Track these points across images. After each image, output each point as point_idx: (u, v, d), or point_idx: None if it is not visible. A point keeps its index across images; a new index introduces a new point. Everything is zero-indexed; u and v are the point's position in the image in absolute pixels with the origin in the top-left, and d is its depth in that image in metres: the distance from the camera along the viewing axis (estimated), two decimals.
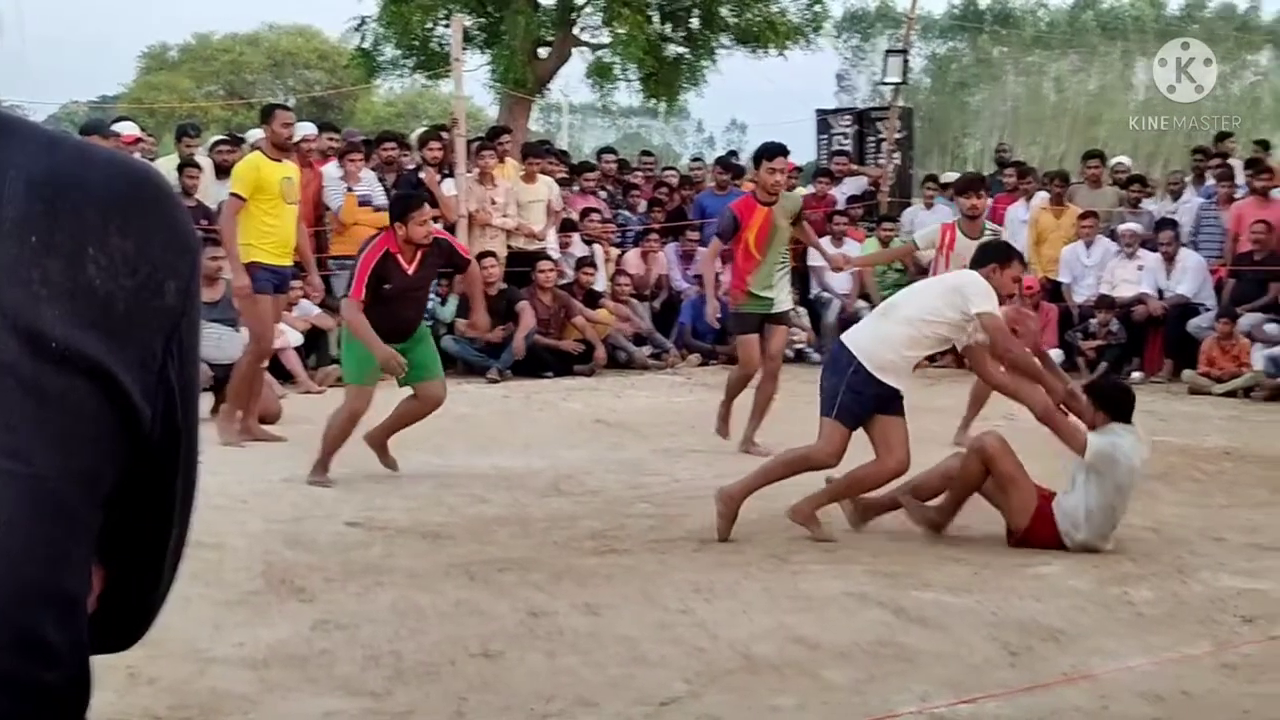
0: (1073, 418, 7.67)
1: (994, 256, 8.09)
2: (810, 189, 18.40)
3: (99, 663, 1.23)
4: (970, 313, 7.68)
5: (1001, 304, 8.06)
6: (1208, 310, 15.85)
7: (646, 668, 5.54)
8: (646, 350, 16.47)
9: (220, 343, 11.61)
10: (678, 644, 5.85)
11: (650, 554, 7.48)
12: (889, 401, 7.75)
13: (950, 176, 20.08)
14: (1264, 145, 19.06)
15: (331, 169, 15.40)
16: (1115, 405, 7.62)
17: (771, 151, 10.47)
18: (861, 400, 7.68)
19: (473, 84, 31.68)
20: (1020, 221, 16.61)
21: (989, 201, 12.53)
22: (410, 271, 9.12)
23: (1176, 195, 17.87)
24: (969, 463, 7.69)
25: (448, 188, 15.88)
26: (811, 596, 6.64)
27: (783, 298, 10.80)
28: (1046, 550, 7.53)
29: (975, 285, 7.80)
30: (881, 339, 7.81)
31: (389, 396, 9.55)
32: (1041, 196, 17.42)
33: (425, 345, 9.47)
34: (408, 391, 9.38)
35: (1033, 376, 7.85)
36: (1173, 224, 16.57)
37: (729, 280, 11.01)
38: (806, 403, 12.42)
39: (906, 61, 21.74)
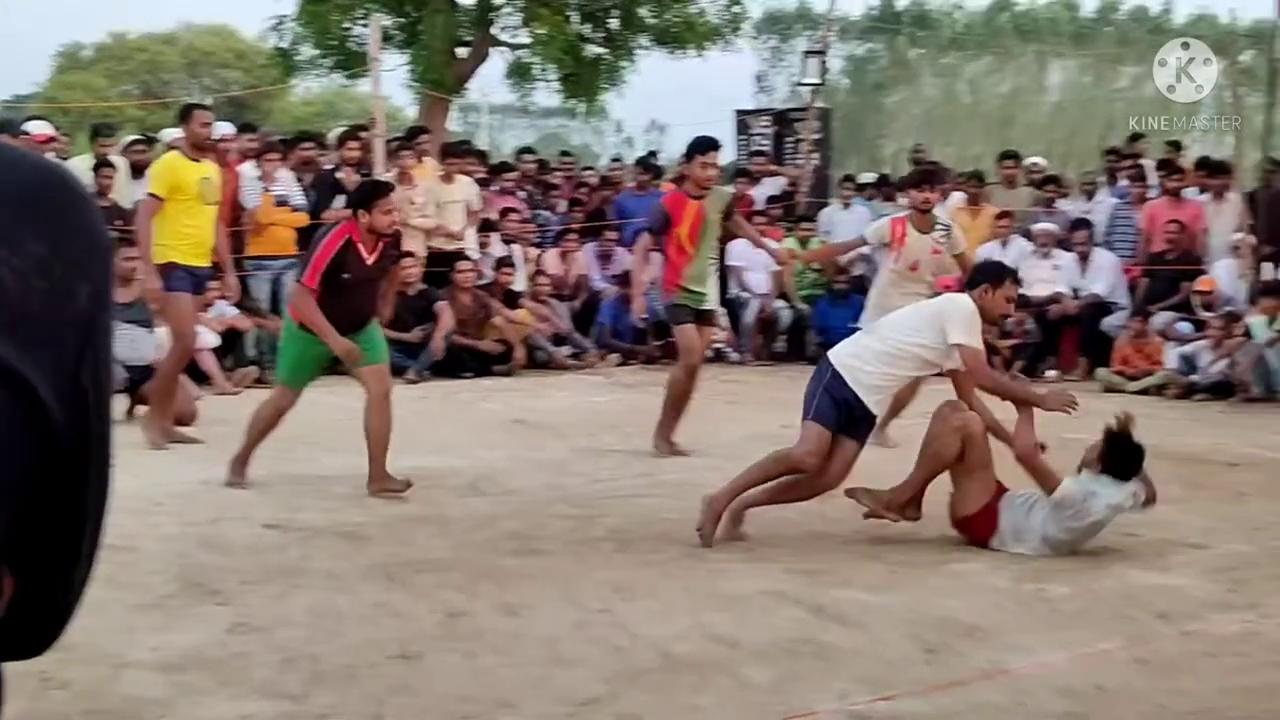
0: (1049, 460, 7.69)
1: (986, 277, 8.02)
2: (730, 189, 18.42)
3: (10, 669, 1.22)
4: (949, 341, 7.69)
5: (995, 324, 8.08)
6: (1121, 309, 16.05)
7: (566, 668, 5.54)
8: (566, 350, 16.45)
9: (135, 344, 11.50)
10: (597, 644, 5.86)
11: (569, 554, 7.48)
12: (857, 422, 7.80)
13: (868, 177, 20.21)
14: (1175, 146, 19.29)
15: (248, 169, 15.28)
16: (1116, 460, 7.55)
17: (705, 145, 10.51)
18: (836, 404, 7.72)
19: (391, 84, 31.57)
20: None
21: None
22: (370, 261, 8.90)
23: (1090, 195, 18.07)
24: (949, 440, 7.63)
25: None
26: (730, 595, 6.67)
27: (713, 295, 10.82)
28: (967, 546, 7.61)
29: (958, 314, 7.75)
30: (860, 353, 7.87)
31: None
32: (958, 197, 17.52)
33: (374, 332, 9.20)
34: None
35: (1012, 397, 7.83)
36: (1087, 224, 16.76)
37: (662, 276, 10.96)
38: (726, 402, 12.52)
39: (824, 63, 21.83)
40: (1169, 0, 33.46)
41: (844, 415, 7.73)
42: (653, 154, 24.11)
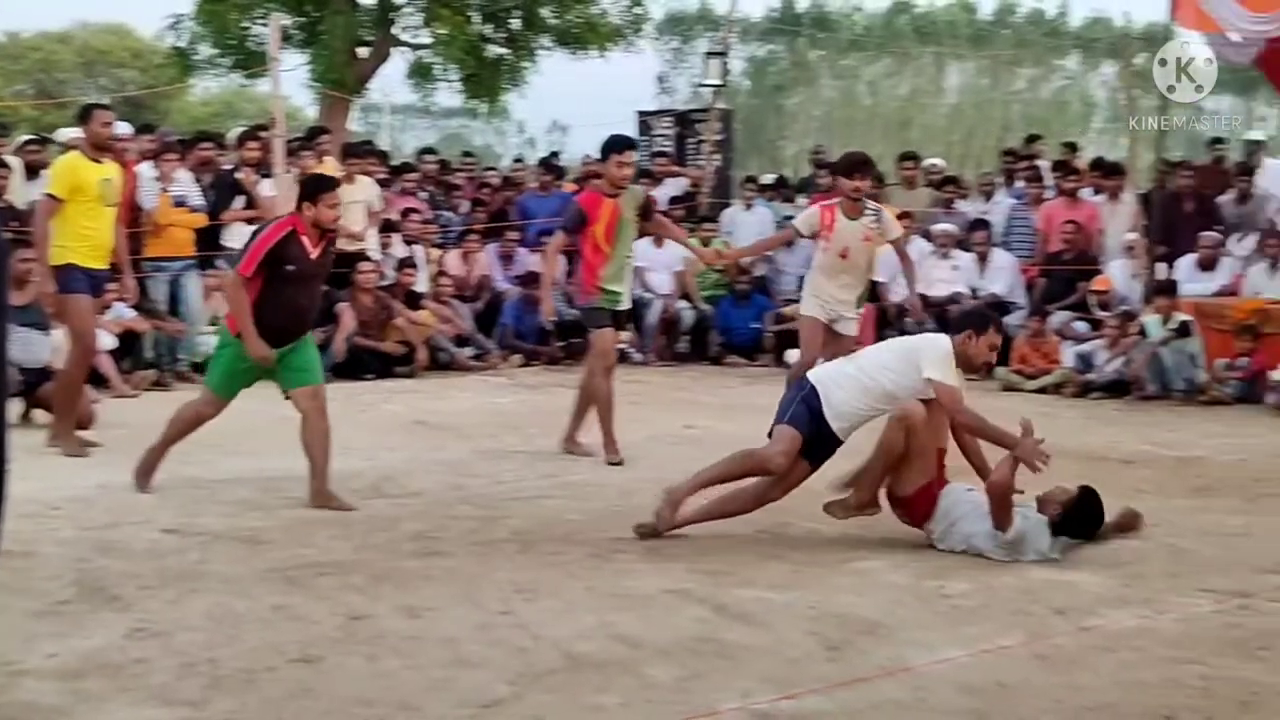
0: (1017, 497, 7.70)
1: (970, 324, 7.99)
2: (641, 188, 18.39)
3: None
4: (923, 376, 7.70)
5: (976, 371, 8.14)
6: (1019, 309, 16.23)
7: (468, 670, 5.52)
8: (468, 351, 16.40)
9: (29, 346, 11.33)
10: (500, 645, 5.84)
11: (472, 555, 7.45)
12: (823, 441, 7.84)
13: (769, 178, 20.29)
14: (1071, 147, 19.54)
15: (146, 169, 15.10)
16: (1073, 518, 7.60)
17: (621, 144, 10.53)
18: (812, 414, 7.76)
19: (291, 84, 31.36)
20: None
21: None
22: (314, 255, 8.68)
23: (988, 196, 18.24)
24: (892, 433, 7.62)
25: (265, 188, 15.69)
26: (634, 595, 6.67)
27: (627, 295, 10.82)
28: (868, 544, 7.68)
29: (932, 351, 7.75)
30: (836, 376, 7.94)
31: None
32: None
33: (309, 349, 8.95)
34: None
35: (988, 437, 7.81)
36: (985, 224, 16.94)
37: (579, 276, 10.91)
38: (629, 403, 12.49)
39: (726, 64, 21.93)
40: (1065, 3, 33.91)
41: (814, 429, 7.77)
42: (555, 154, 24.14)
